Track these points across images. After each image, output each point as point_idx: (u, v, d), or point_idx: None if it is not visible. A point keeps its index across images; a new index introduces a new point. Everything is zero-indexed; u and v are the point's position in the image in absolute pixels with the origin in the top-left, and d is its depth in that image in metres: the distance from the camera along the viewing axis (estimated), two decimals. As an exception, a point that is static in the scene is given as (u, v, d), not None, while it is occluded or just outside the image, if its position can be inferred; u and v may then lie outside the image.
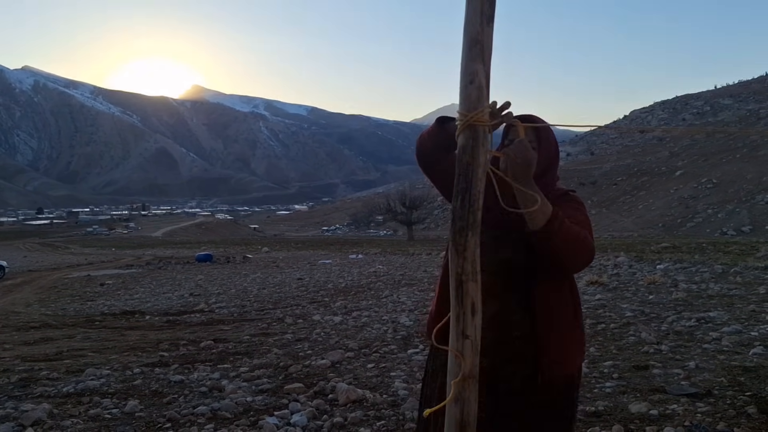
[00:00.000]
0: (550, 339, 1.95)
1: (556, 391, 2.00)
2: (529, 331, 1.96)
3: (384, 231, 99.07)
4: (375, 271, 17.75)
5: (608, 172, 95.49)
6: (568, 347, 2.00)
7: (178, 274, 20.26)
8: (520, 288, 1.97)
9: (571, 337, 2.02)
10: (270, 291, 13.16)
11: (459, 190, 1.72)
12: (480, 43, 1.62)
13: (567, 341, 2.00)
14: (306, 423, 3.97)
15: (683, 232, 55.55)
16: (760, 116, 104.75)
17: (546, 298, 1.96)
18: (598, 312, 8.33)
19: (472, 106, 1.66)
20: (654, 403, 4.19)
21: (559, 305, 1.99)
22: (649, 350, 5.89)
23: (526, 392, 1.97)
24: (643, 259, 18.00)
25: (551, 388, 1.99)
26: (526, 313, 1.96)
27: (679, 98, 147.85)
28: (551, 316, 1.96)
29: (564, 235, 1.79)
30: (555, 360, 1.96)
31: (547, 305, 1.96)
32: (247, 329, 8.07)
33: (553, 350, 1.96)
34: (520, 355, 1.97)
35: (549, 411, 1.99)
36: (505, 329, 1.97)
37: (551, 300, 1.97)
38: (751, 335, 6.38)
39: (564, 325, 1.99)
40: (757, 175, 68.99)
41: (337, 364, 5.72)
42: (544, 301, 1.96)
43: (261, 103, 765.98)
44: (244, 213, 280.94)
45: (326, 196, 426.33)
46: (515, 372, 1.97)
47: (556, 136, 2.07)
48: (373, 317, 8.67)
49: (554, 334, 1.96)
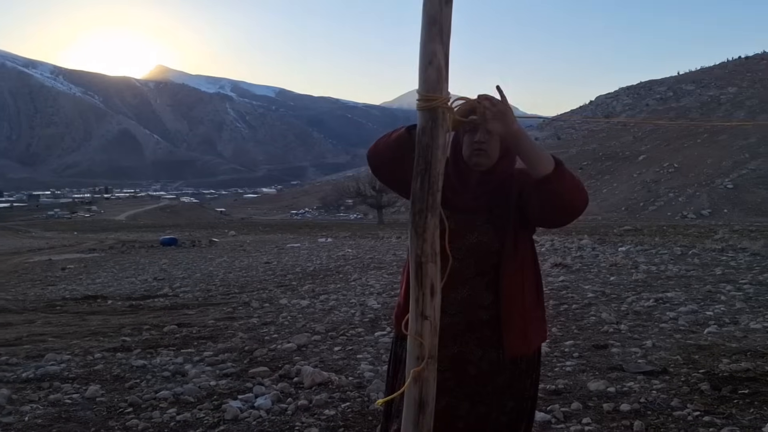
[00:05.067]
0: (516, 320, 1.98)
1: (521, 372, 2.04)
2: (496, 313, 1.98)
3: (354, 214, 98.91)
4: (344, 255, 17.76)
5: (574, 156, 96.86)
6: (532, 328, 2.04)
7: (141, 258, 19.95)
8: (489, 271, 1.98)
9: (534, 318, 2.06)
10: (236, 275, 13.06)
11: (418, 172, 1.72)
12: (438, 23, 1.61)
13: (531, 322, 2.03)
14: (270, 406, 3.97)
15: (645, 216, 56.83)
16: (721, 102, 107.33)
17: (513, 280, 1.98)
18: (561, 293, 8.49)
19: (431, 87, 1.65)
20: (612, 381, 4.30)
21: (524, 286, 2.01)
22: (609, 330, 6.03)
23: (493, 374, 2.00)
24: (605, 241, 18.39)
25: (516, 368, 2.02)
26: (495, 296, 1.98)
27: (643, 84, 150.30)
28: (517, 298, 1.99)
29: (570, 177, 1.81)
30: (520, 341, 1.99)
31: (513, 287, 1.98)
32: (212, 313, 8.00)
33: (518, 331, 1.99)
34: (489, 338, 1.99)
35: (514, 391, 2.03)
36: (475, 314, 1.99)
37: (517, 282, 1.99)
38: (706, 314, 6.58)
39: (528, 305, 2.02)
40: (717, 159, 70.87)
41: (304, 347, 5.72)
42: (512, 283, 1.98)
43: (227, 84, 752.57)
44: (210, 196, 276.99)
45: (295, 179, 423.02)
46: (484, 355, 2.00)
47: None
48: (341, 300, 8.68)
49: (519, 315, 1.99)
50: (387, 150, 1.95)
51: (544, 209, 1.86)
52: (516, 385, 2.02)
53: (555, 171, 1.77)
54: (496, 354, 1.98)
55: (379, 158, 1.99)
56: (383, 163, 1.99)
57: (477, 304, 1.98)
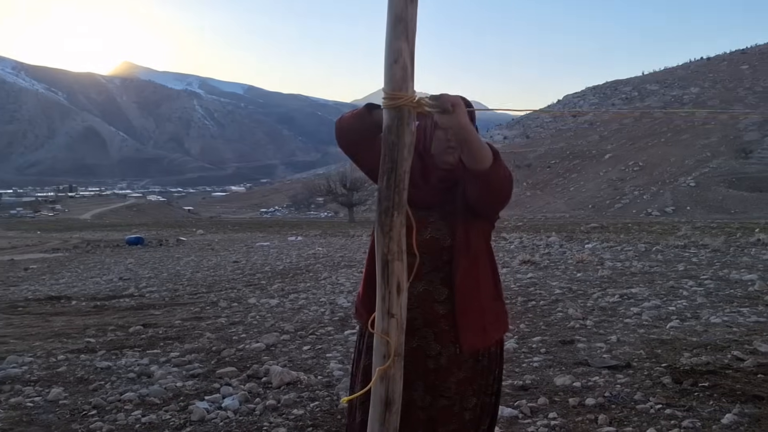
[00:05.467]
0: (471, 314, 2.01)
1: (482, 368, 2.06)
2: (452, 307, 2.00)
3: (325, 213, 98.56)
4: (314, 253, 17.67)
5: (542, 155, 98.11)
6: (489, 320, 2.06)
7: (107, 257, 19.55)
8: (444, 266, 2.01)
9: (492, 311, 2.08)
10: (204, 274, 12.89)
11: (384, 170, 1.73)
12: (404, 21, 1.61)
13: (488, 315, 2.06)
14: (238, 406, 3.93)
15: (611, 213, 57.92)
16: (684, 102, 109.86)
17: (467, 274, 2.01)
18: (530, 290, 8.60)
19: (396, 85, 1.66)
20: (577, 376, 4.37)
21: (480, 280, 2.04)
22: (576, 325, 6.13)
23: (453, 369, 2.01)
24: (573, 238, 18.69)
25: (477, 364, 2.04)
26: (450, 291, 2.00)
27: (609, 83, 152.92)
28: (472, 292, 2.02)
29: (504, 168, 1.90)
30: (476, 334, 2.02)
31: (468, 281, 2.01)
32: (178, 314, 7.88)
33: (474, 325, 2.01)
34: (447, 333, 2.01)
35: (476, 387, 2.05)
36: (431, 308, 2.00)
37: (472, 276, 2.02)
38: (669, 310, 6.75)
39: (485, 298, 2.05)
40: (680, 158, 72.60)
41: (272, 346, 5.68)
42: (466, 278, 2.01)
43: (195, 81, 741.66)
44: (177, 194, 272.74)
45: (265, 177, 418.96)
46: (442, 350, 2.01)
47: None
48: (310, 299, 8.64)
49: (475, 309, 2.02)
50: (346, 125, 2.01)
51: (480, 199, 1.94)
52: (478, 381, 2.05)
53: (493, 164, 1.84)
54: (455, 349, 2.01)
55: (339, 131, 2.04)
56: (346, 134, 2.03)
57: (433, 298, 2.00)
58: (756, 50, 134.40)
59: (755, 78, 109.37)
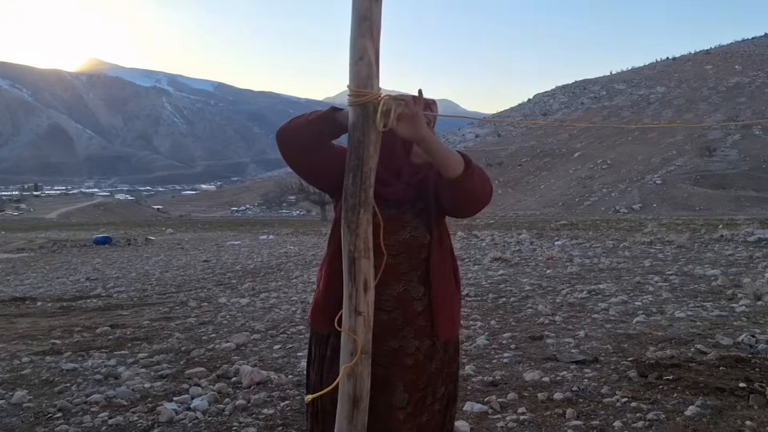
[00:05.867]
0: (445, 307, 2.05)
1: (449, 357, 2.11)
2: (428, 303, 2.02)
3: (297, 211, 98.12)
4: (286, 252, 17.59)
5: (513, 153, 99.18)
6: (455, 312, 2.13)
7: (73, 257, 19.16)
8: (421, 264, 2.01)
9: (456, 302, 2.14)
10: (173, 274, 12.73)
11: (350, 167, 1.72)
12: (368, 19, 1.61)
13: (455, 306, 2.12)
14: (207, 407, 3.89)
15: (580, 210, 58.81)
16: (650, 101, 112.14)
17: (440, 270, 2.04)
18: (500, 287, 8.68)
19: (362, 82, 1.66)
20: (546, 371, 4.43)
21: (447, 274, 2.08)
22: (545, 321, 6.21)
23: (427, 362, 2.04)
24: (543, 236, 18.93)
25: (446, 354, 2.09)
26: (426, 288, 2.02)
27: (578, 83, 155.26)
28: (446, 286, 2.06)
29: (479, 174, 1.87)
30: (449, 325, 2.08)
31: (442, 276, 2.04)
32: (147, 314, 7.77)
33: (446, 317, 2.06)
34: (424, 328, 2.03)
35: (444, 376, 2.09)
36: (410, 307, 2.01)
37: (444, 271, 2.06)
38: (635, 305, 6.88)
39: (450, 291, 2.09)
40: (647, 156, 74.06)
41: (243, 346, 5.63)
42: (440, 273, 2.04)
43: (164, 78, 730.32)
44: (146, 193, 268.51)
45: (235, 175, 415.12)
46: (420, 346, 2.03)
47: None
48: (282, 298, 8.60)
49: (447, 302, 2.06)
50: (306, 128, 1.87)
51: (455, 204, 1.94)
52: (446, 370, 2.10)
53: (465, 171, 1.82)
54: (431, 342, 2.03)
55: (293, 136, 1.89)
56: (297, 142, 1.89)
57: (411, 297, 2.01)
58: (719, 50, 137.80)
59: (719, 78, 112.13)
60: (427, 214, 2.00)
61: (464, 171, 1.81)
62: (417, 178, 2.00)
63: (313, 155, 1.91)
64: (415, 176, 2.00)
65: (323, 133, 1.87)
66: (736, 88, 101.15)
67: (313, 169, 1.98)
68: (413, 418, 2.02)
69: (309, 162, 1.94)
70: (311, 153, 1.91)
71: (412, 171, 2.00)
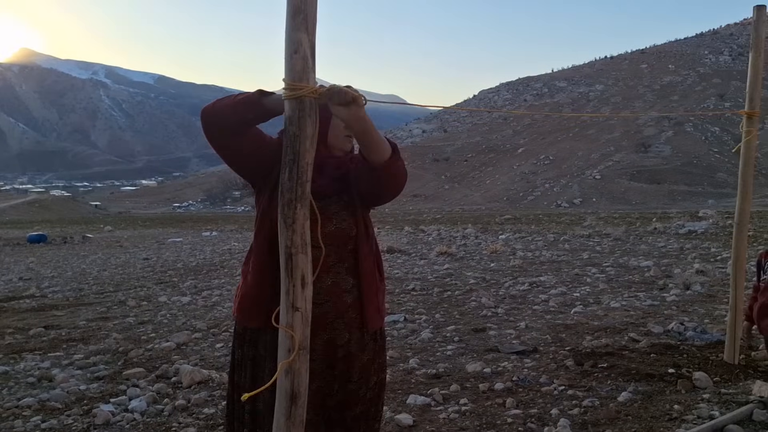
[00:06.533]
0: (371, 297, 2.07)
1: (379, 346, 2.14)
2: (357, 294, 2.04)
3: (242, 207, 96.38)
4: (230, 249, 17.30)
5: (459, 148, 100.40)
6: (381, 302, 2.15)
7: (6, 256, 18.32)
8: (349, 256, 2.03)
9: (381, 293, 2.17)
10: (112, 272, 12.33)
11: (287, 162, 1.70)
12: (303, 12, 1.60)
13: (380, 297, 2.15)
14: (145, 408, 3.79)
15: (524, 205, 60.13)
16: (590, 98, 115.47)
17: (368, 261, 2.07)
18: (446, 281, 8.79)
19: (297, 76, 1.64)
20: (488, 362, 4.52)
21: (372, 264, 2.11)
22: (488, 314, 6.34)
23: (359, 353, 2.05)
24: (487, 230, 19.28)
25: (376, 344, 2.12)
26: (355, 279, 2.04)
27: (521, 80, 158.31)
28: (373, 277, 2.09)
29: (401, 164, 1.92)
30: (377, 315, 2.10)
31: (369, 268, 2.07)
32: (83, 314, 7.50)
33: (373, 307, 2.08)
34: (354, 320, 2.04)
35: (376, 366, 2.12)
36: (340, 299, 2.01)
37: (371, 262, 2.09)
38: (574, 296, 7.10)
39: (375, 280, 2.12)
40: (587, 152, 76.33)
41: (183, 345, 5.51)
42: (367, 265, 2.06)
43: (101, 70, 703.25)
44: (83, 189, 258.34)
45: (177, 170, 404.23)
46: (350, 337, 2.04)
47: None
48: (225, 296, 8.46)
49: (375, 292, 2.09)
50: (230, 109, 1.83)
51: (377, 190, 1.98)
52: (377, 360, 2.13)
53: (392, 156, 1.87)
54: (361, 333, 2.05)
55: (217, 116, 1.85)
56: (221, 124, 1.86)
57: (341, 289, 2.02)
58: (654, 50, 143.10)
59: (653, 76, 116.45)
60: (352, 206, 2.02)
61: (391, 156, 1.86)
62: (339, 172, 2.01)
63: (238, 138, 1.87)
64: (337, 170, 2.01)
65: (247, 117, 1.83)
66: (669, 87, 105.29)
67: (237, 155, 1.93)
68: (347, 409, 2.04)
69: (233, 146, 1.90)
70: (235, 136, 1.86)
71: (334, 165, 2.01)
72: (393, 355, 4.76)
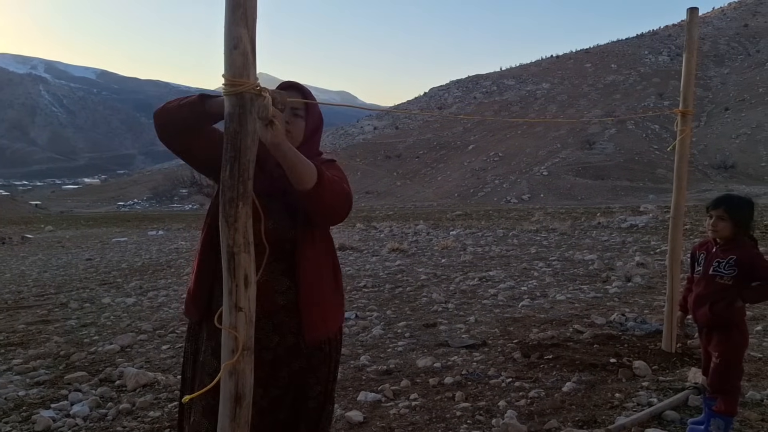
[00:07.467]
0: (313, 304, 2.02)
1: (325, 355, 2.08)
2: (293, 298, 2.00)
3: (189, 205, 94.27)
4: (177, 248, 16.89)
5: (411, 145, 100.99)
6: (329, 310, 2.09)
7: (-64, 259, 17.37)
8: (285, 257, 1.99)
9: (331, 300, 2.11)
10: (53, 274, 11.87)
11: (228, 159, 1.67)
12: (242, 6, 1.57)
13: (328, 304, 2.09)
14: (88, 412, 3.68)
15: (475, 201, 60.98)
16: (537, 96, 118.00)
17: (308, 264, 2.01)
18: (397, 277, 8.83)
19: (237, 72, 1.61)
20: (438, 357, 4.57)
21: (320, 270, 2.05)
22: (439, 309, 6.41)
23: (289, 359, 2.01)
24: (439, 226, 19.45)
25: (320, 352, 2.06)
26: (292, 282, 2.00)
27: (471, 78, 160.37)
28: (315, 285, 2.02)
29: (331, 188, 1.87)
30: (318, 326, 2.03)
31: (311, 274, 2.01)
32: (22, 317, 7.20)
33: (316, 314, 2.02)
34: (287, 324, 2.00)
35: (320, 375, 2.07)
36: (271, 299, 1.98)
37: (315, 268, 2.03)
38: (522, 290, 7.25)
39: (325, 288, 2.07)
40: (534, 149, 77.96)
41: (128, 348, 5.36)
42: (309, 270, 2.01)
43: (40, 64, 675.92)
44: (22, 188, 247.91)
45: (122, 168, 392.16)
46: (281, 341, 2.00)
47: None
48: (171, 296, 8.26)
49: (316, 298, 2.03)
50: (176, 113, 1.84)
51: (311, 214, 1.93)
52: (322, 369, 2.07)
53: (316, 186, 1.82)
54: (295, 339, 2.01)
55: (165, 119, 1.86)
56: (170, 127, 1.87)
57: (273, 289, 1.98)
58: (597, 50, 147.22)
59: (597, 75, 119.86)
60: (295, 206, 1.97)
61: (315, 186, 1.82)
62: (280, 171, 1.95)
63: (189, 140, 1.88)
64: (278, 169, 1.95)
65: (190, 120, 1.83)
66: (612, 86, 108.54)
67: (192, 158, 1.95)
68: (269, 414, 2.00)
69: (185, 147, 1.90)
70: (186, 138, 1.87)
71: (275, 163, 1.95)
72: (344, 352, 4.75)
